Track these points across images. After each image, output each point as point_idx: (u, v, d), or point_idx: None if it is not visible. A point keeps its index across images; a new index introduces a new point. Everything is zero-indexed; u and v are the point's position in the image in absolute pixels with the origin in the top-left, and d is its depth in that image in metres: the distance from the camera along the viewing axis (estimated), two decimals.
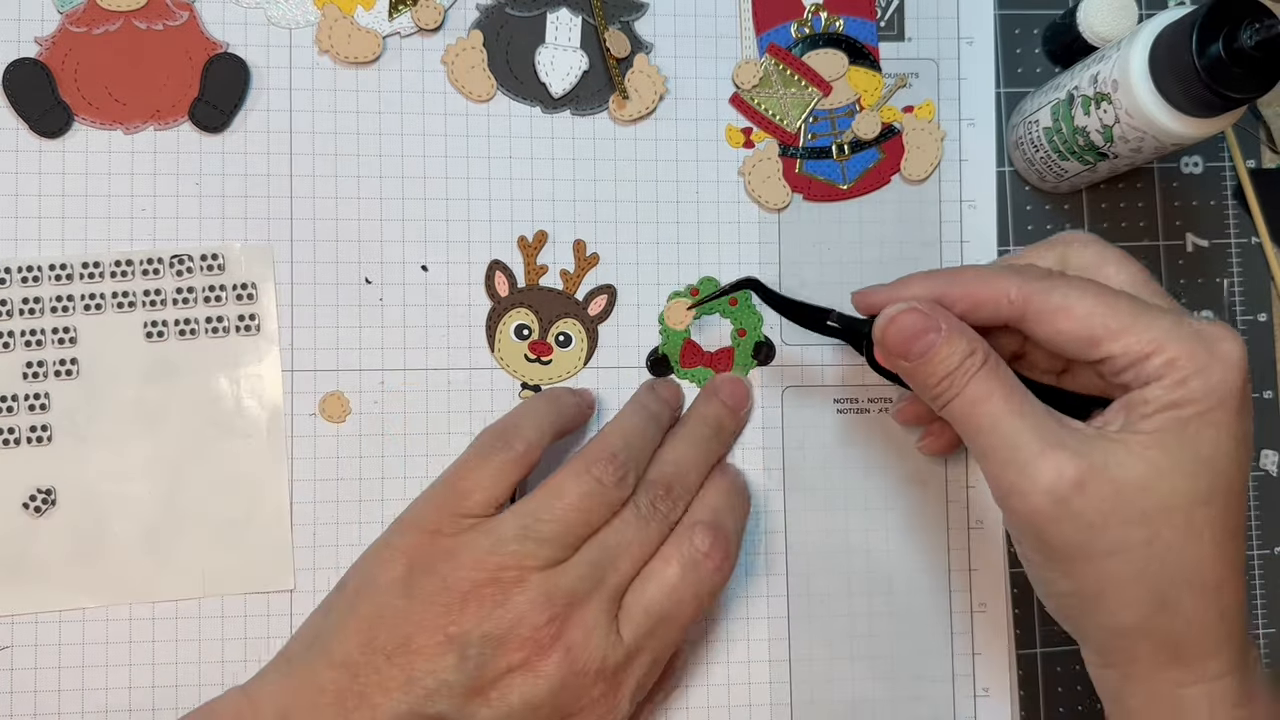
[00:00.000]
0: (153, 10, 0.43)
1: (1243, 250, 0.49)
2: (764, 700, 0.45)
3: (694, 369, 0.46)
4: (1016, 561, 0.47)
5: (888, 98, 0.47)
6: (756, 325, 0.46)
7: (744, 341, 0.46)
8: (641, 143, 0.46)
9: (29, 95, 0.43)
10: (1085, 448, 0.33)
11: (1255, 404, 0.48)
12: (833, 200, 0.47)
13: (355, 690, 0.36)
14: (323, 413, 0.44)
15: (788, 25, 0.47)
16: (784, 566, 0.46)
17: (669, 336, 0.45)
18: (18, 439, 0.43)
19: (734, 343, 0.46)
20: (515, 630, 0.36)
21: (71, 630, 0.42)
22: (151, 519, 0.43)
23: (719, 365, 0.46)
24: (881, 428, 0.47)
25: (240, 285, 0.44)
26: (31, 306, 0.43)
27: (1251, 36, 0.35)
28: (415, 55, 0.45)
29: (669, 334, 0.45)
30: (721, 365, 0.46)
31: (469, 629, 0.36)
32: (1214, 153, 0.49)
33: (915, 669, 0.46)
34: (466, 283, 0.45)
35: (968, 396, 0.35)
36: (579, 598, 0.37)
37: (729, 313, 0.46)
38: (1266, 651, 0.48)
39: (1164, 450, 0.33)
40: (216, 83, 0.44)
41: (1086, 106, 0.41)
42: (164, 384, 0.43)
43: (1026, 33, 0.48)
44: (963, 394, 0.35)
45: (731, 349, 0.46)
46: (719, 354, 0.46)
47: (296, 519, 0.43)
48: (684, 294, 0.46)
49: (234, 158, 0.44)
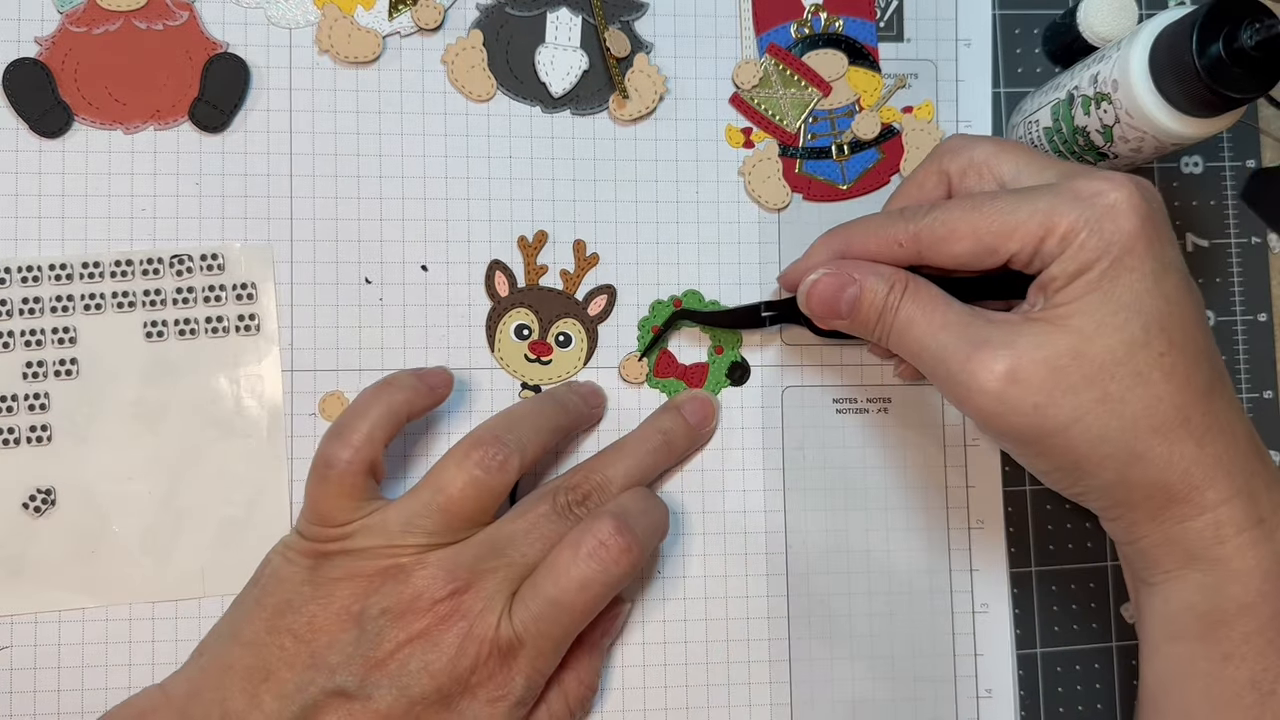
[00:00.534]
0: (153, 10, 0.44)
1: (1243, 250, 0.49)
2: (764, 700, 0.45)
3: (666, 379, 0.46)
4: (1018, 561, 0.47)
5: (887, 98, 0.47)
6: (734, 344, 0.46)
7: (720, 359, 0.46)
8: (641, 143, 0.46)
9: (29, 95, 0.43)
10: (1010, 338, 0.35)
11: (1255, 404, 0.48)
12: (832, 200, 0.47)
13: (261, 666, 0.37)
14: (323, 413, 0.44)
15: (787, 25, 0.47)
16: (784, 566, 0.46)
17: (644, 341, 0.46)
18: (17, 439, 0.43)
19: (710, 359, 0.46)
20: (415, 603, 0.37)
21: (71, 630, 0.42)
22: (151, 519, 0.43)
23: (692, 380, 0.46)
24: (881, 428, 0.47)
25: (240, 285, 0.44)
26: (31, 306, 0.43)
27: (1251, 36, 0.35)
28: (415, 55, 0.45)
29: (645, 339, 0.46)
30: (695, 380, 0.46)
31: (369, 605, 0.37)
32: (1214, 153, 0.49)
33: (916, 669, 0.46)
34: (466, 283, 0.45)
35: (898, 328, 0.37)
36: (480, 573, 0.38)
37: (708, 328, 0.46)
38: None
39: (1086, 314, 0.34)
40: (216, 83, 0.44)
41: (1086, 106, 0.41)
42: (164, 384, 0.43)
43: (1026, 33, 0.48)
44: (893, 327, 0.37)
45: (706, 365, 0.46)
46: (693, 368, 0.46)
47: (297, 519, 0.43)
48: (667, 304, 0.46)
49: (234, 158, 0.44)
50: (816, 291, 0.39)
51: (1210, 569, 0.35)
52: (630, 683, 0.45)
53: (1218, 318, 0.48)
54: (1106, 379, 0.34)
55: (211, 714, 0.37)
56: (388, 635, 0.37)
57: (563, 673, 0.41)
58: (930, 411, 0.47)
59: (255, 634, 0.38)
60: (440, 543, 0.38)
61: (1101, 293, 0.34)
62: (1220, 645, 0.35)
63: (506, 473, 0.39)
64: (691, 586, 0.45)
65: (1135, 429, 0.34)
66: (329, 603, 0.38)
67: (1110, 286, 0.34)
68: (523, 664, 0.38)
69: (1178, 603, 0.36)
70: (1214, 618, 0.35)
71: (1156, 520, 0.35)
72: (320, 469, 0.39)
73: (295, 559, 0.39)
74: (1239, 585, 0.35)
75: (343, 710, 0.37)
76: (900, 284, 0.37)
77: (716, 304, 0.46)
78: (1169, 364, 0.34)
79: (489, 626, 0.37)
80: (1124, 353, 0.34)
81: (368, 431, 0.39)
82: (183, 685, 0.39)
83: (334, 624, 0.37)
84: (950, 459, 0.47)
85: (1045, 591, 0.47)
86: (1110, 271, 0.34)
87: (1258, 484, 0.35)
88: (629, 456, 0.42)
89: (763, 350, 0.46)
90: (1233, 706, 0.35)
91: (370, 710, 0.36)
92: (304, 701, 0.37)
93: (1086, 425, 0.34)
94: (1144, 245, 0.34)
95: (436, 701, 0.37)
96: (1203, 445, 0.34)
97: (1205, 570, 0.35)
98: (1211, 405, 0.35)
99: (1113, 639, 0.47)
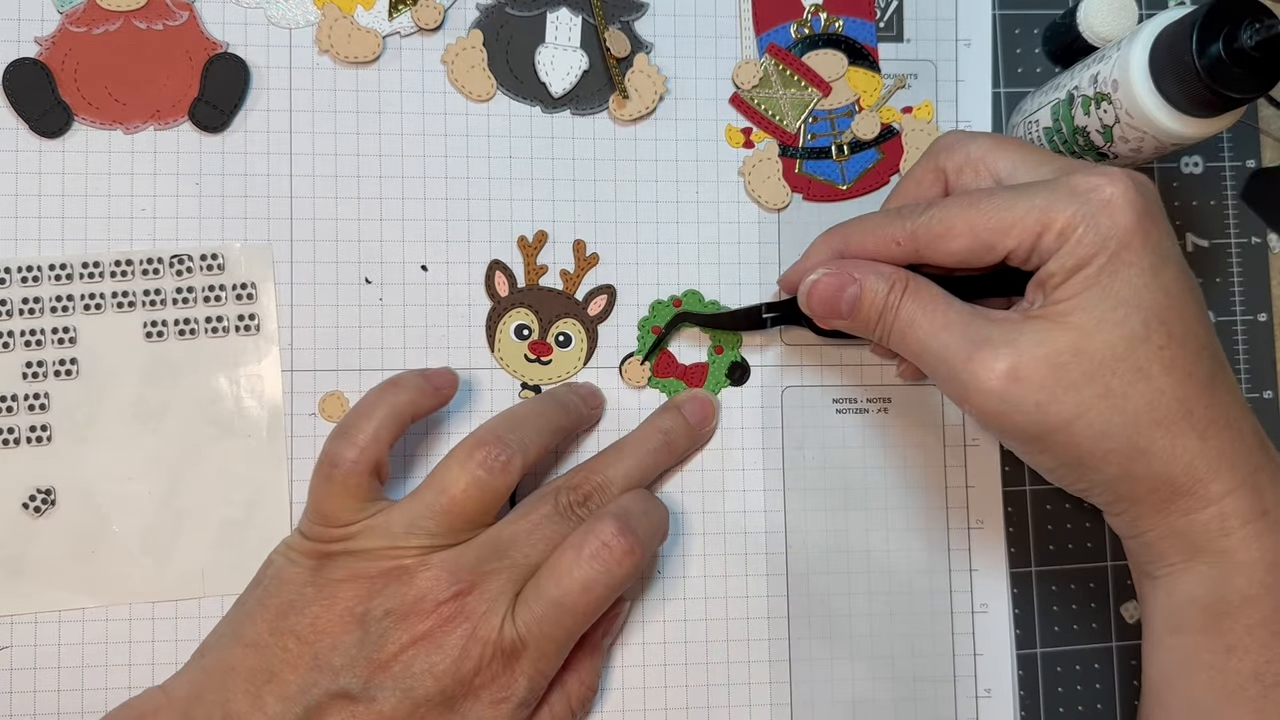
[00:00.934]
0: (153, 10, 0.43)
1: (1243, 250, 0.49)
2: (764, 700, 0.45)
3: (666, 379, 0.46)
4: (1018, 562, 0.47)
5: (887, 98, 0.47)
6: (734, 345, 0.46)
7: (720, 359, 0.46)
8: (641, 143, 0.46)
9: (29, 95, 0.43)
10: (1010, 336, 0.35)
11: (1255, 404, 0.48)
12: (832, 200, 0.47)
13: (264, 668, 0.37)
14: (323, 413, 0.44)
15: (787, 25, 0.47)
16: (784, 566, 0.46)
17: (645, 343, 0.46)
18: (17, 439, 0.43)
19: (710, 359, 0.46)
20: (419, 605, 0.37)
21: (71, 630, 0.42)
22: (151, 519, 0.43)
23: (692, 379, 0.46)
24: (881, 428, 0.47)
25: (240, 285, 0.44)
26: (31, 306, 0.43)
27: (1251, 36, 0.35)
28: (415, 55, 0.45)
29: (646, 341, 0.46)
30: (695, 380, 0.46)
31: (373, 607, 0.37)
32: (1214, 153, 0.49)
33: (916, 669, 0.46)
34: (466, 283, 0.45)
35: (899, 328, 0.37)
36: (484, 574, 0.38)
37: (708, 329, 0.46)
38: None
39: (1084, 310, 0.34)
40: (216, 83, 0.44)
41: (1086, 106, 0.41)
42: (164, 384, 0.43)
43: (1026, 33, 0.48)
44: (893, 327, 0.38)
45: (706, 365, 0.46)
46: (693, 368, 0.46)
47: (296, 520, 0.43)
48: (667, 304, 0.46)
49: (234, 158, 0.44)
50: (817, 291, 0.39)
51: (1215, 561, 0.35)
52: (630, 683, 0.45)
53: (1218, 318, 0.48)
54: (1108, 374, 0.34)
55: (214, 715, 0.37)
56: (391, 637, 0.37)
57: (564, 673, 0.41)
58: (930, 411, 0.47)
59: (258, 635, 0.38)
60: (443, 544, 0.38)
61: (1100, 288, 0.34)
62: (1224, 637, 0.35)
63: (509, 473, 0.39)
64: (691, 586, 0.45)
65: (1138, 424, 0.34)
66: (332, 604, 0.38)
67: (1109, 281, 0.34)
68: (526, 666, 0.38)
69: (1181, 595, 0.36)
70: (1218, 610, 0.35)
71: (1161, 514, 0.35)
72: (325, 468, 0.39)
73: (298, 560, 0.39)
74: (1243, 577, 0.35)
75: (346, 712, 0.37)
76: (900, 283, 0.38)
77: (717, 304, 0.46)
78: (1169, 357, 0.34)
79: (492, 629, 0.37)
80: (1124, 348, 0.34)
81: (373, 431, 0.39)
82: (184, 686, 0.39)
83: (337, 625, 0.37)
84: (950, 459, 0.47)
85: (1045, 591, 0.47)
86: (1108, 266, 0.34)
87: (1262, 477, 0.35)
88: (630, 456, 0.42)
89: (763, 350, 0.46)
90: (1236, 698, 0.35)
91: (374, 712, 0.36)
92: (307, 703, 0.37)
93: (1089, 421, 0.34)
94: (1141, 239, 0.34)
95: (440, 704, 0.37)
96: (1205, 438, 0.34)
97: (1210, 563, 0.35)
98: (1214, 398, 0.35)
99: (1113, 639, 0.47)
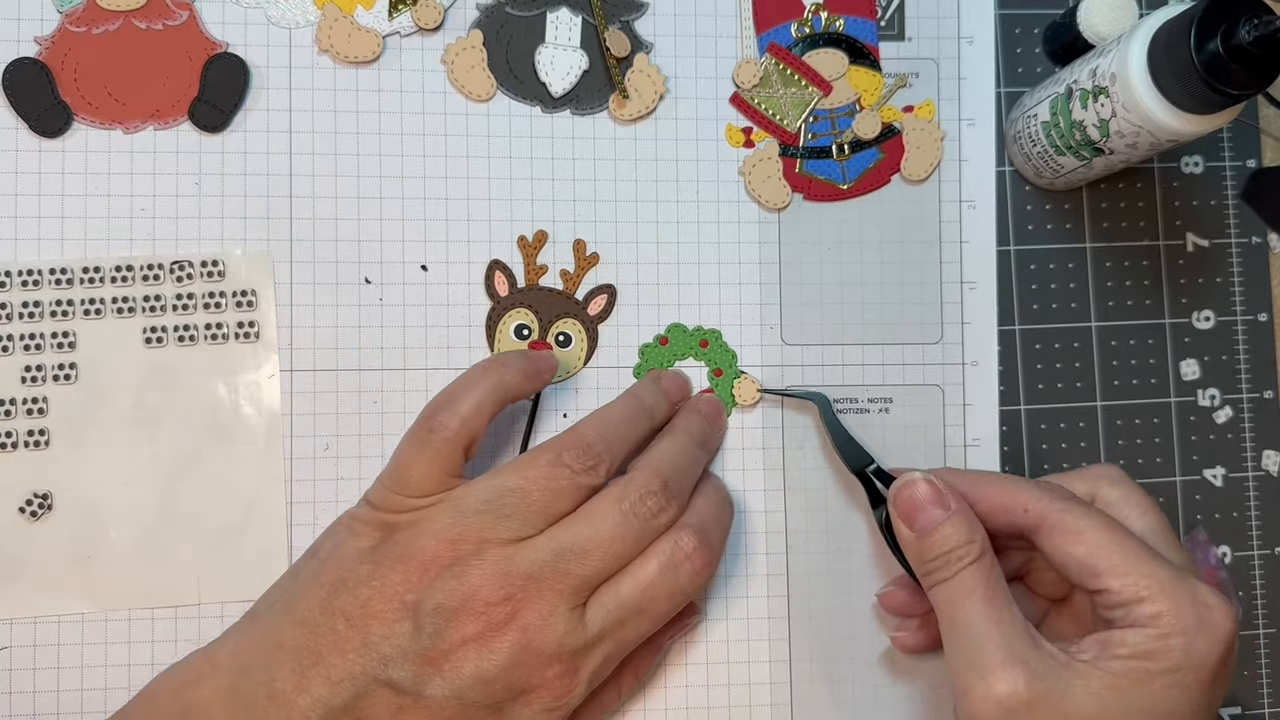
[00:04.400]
0: (153, 10, 0.44)
1: (1243, 250, 0.49)
2: (764, 700, 0.45)
3: None
4: None
5: (888, 97, 0.47)
6: (731, 363, 0.46)
7: (720, 381, 0.46)
8: (641, 142, 0.46)
9: (29, 95, 0.43)
10: (1047, 670, 0.35)
11: (1255, 404, 0.48)
12: (833, 200, 0.47)
13: (312, 648, 0.37)
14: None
15: (788, 25, 0.47)
16: (784, 566, 0.46)
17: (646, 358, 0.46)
18: (15, 443, 0.42)
19: (711, 383, 0.46)
20: (469, 604, 0.36)
21: (71, 631, 0.42)
22: (148, 524, 0.43)
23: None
24: (881, 428, 0.47)
25: (240, 292, 0.44)
26: (31, 311, 0.43)
27: (1250, 33, 0.35)
28: (415, 55, 0.45)
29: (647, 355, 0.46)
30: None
31: (423, 598, 0.37)
32: (1214, 152, 0.49)
33: (916, 669, 0.46)
34: (466, 283, 0.45)
35: (955, 585, 0.37)
36: (538, 580, 0.37)
37: (701, 354, 0.46)
38: (1267, 651, 0.47)
39: (1121, 696, 0.34)
40: (216, 83, 0.44)
41: (1084, 100, 0.41)
42: (162, 390, 0.43)
43: (1027, 32, 0.48)
44: (951, 581, 0.37)
45: (711, 389, 0.46)
46: None
47: (296, 519, 0.43)
48: (653, 345, 0.46)
49: (234, 158, 0.44)
50: (911, 489, 0.39)
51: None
52: None
53: (1218, 318, 0.48)
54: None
55: (258, 694, 0.36)
56: (444, 634, 0.36)
57: (622, 666, 0.41)
58: (930, 411, 0.47)
59: (309, 612, 0.37)
60: (508, 536, 0.37)
61: (1149, 689, 0.34)
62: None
63: (594, 478, 0.39)
64: None
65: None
66: (382, 586, 0.37)
67: (1159, 690, 0.34)
68: (590, 667, 0.37)
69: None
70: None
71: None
72: (422, 433, 0.39)
73: (361, 531, 0.39)
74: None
75: (393, 703, 0.36)
76: (980, 546, 0.37)
77: (701, 331, 0.46)
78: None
79: (549, 642, 0.36)
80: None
81: (476, 404, 0.39)
82: (230, 657, 0.38)
83: (388, 611, 0.37)
84: (950, 459, 0.47)
85: None
86: (1170, 676, 0.34)
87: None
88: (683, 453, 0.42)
89: (763, 350, 0.46)
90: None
91: (421, 706, 0.36)
92: (354, 689, 0.36)
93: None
94: (1211, 676, 0.34)
95: (487, 706, 0.37)
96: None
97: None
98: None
99: None
